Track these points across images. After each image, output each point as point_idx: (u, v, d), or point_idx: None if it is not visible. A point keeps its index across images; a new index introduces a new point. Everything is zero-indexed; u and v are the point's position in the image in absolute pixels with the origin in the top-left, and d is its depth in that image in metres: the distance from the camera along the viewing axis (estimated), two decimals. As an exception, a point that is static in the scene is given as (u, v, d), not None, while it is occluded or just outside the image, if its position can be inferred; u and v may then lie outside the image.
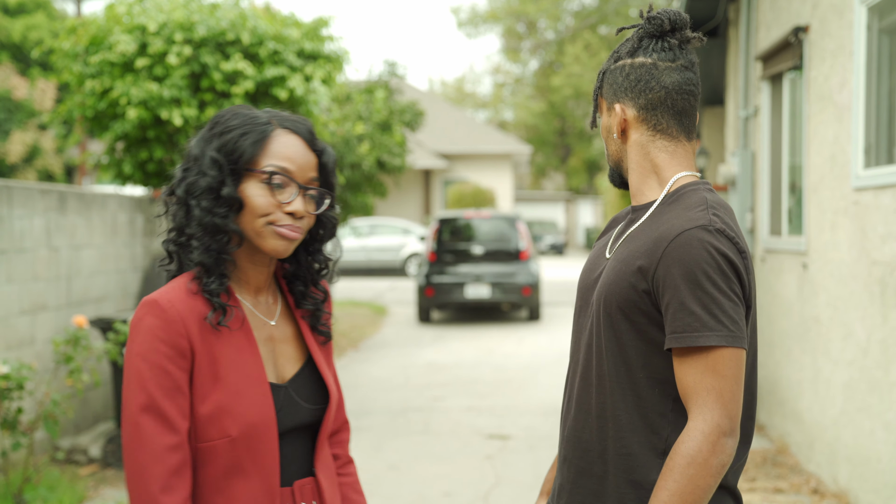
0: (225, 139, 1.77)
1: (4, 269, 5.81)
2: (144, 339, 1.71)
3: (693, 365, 1.72)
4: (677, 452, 1.70)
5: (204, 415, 1.73)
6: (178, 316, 1.72)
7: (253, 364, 1.78)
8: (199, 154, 1.78)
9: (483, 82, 54.63)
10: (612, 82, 1.92)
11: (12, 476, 5.21)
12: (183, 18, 7.83)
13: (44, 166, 21.77)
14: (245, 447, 1.75)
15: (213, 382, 1.73)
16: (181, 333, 1.71)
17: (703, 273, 1.72)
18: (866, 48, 5.20)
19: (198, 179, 1.76)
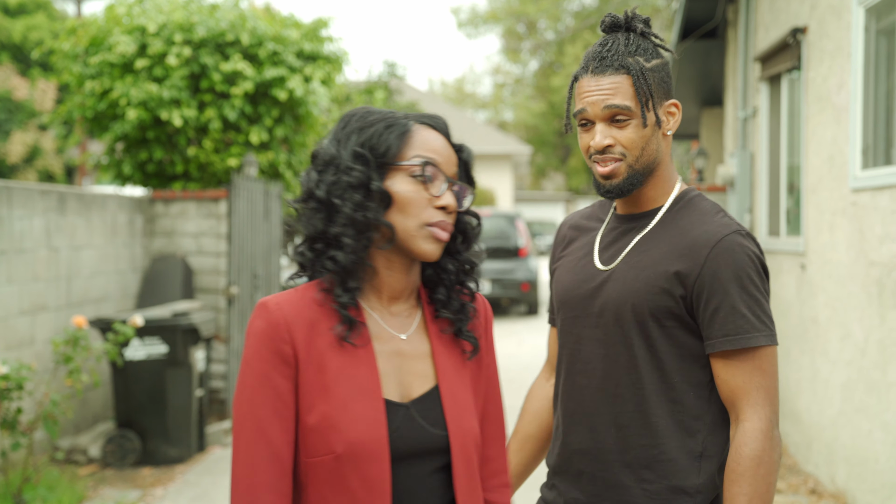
0: (367, 133, 1.64)
1: (4, 270, 5.82)
2: (251, 343, 1.61)
3: (742, 366, 1.78)
4: (743, 456, 1.76)
5: (310, 425, 1.59)
6: (282, 319, 1.60)
7: (366, 376, 1.62)
8: (335, 153, 1.65)
9: (483, 83, 54.65)
10: (660, 80, 1.89)
11: (12, 476, 5.22)
12: (182, 19, 7.84)
13: (44, 167, 21.78)
14: (353, 468, 1.57)
15: (321, 392, 1.59)
16: (284, 339, 1.59)
17: (748, 277, 1.79)
18: (864, 49, 5.21)
19: (340, 177, 1.62)
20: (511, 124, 46.07)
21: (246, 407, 1.59)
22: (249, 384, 1.59)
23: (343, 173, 1.62)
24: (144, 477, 6.06)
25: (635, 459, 1.84)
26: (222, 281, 7.60)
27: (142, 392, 6.22)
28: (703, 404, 1.83)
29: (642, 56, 1.89)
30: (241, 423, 1.60)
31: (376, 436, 1.58)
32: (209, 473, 6.17)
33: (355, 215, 1.60)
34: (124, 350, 6.13)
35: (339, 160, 1.63)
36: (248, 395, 1.59)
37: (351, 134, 1.66)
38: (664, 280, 1.82)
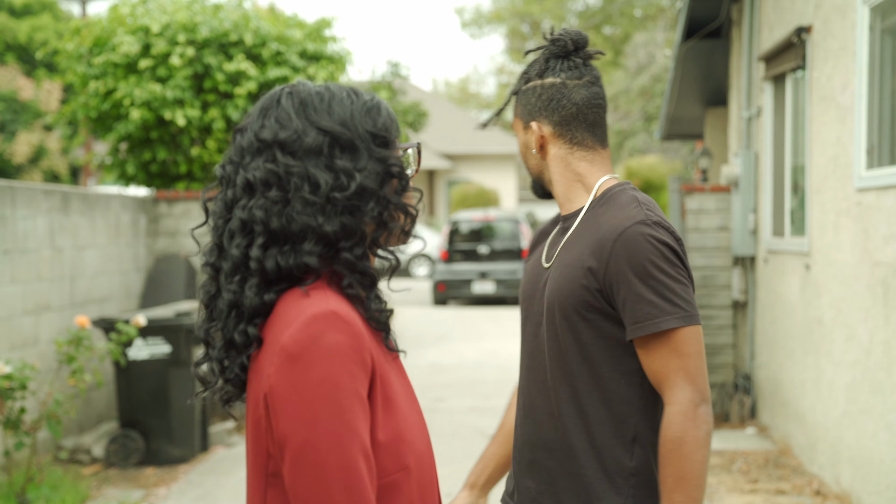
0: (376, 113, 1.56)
1: (8, 270, 5.83)
2: (336, 363, 1.36)
3: (657, 350, 1.85)
4: (665, 439, 1.84)
5: (382, 442, 1.43)
6: (361, 330, 1.41)
7: (407, 384, 1.56)
8: (350, 136, 1.53)
9: (487, 83, 54.61)
10: (526, 102, 2.06)
11: (15, 475, 5.23)
12: (186, 19, 7.85)
13: (49, 167, 21.82)
14: (418, 481, 1.48)
15: (388, 407, 1.45)
16: (368, 349, 1.41)
17: (651, 263, 1.85)
18: (869, 49, 5.19)
19: (369, 164, 1.51)
20: (515, 124, 46.00)
21: (347, 438, 1.35)
22: (348, 410, 1.35)
23: (375, 161, 1.48)
24: (148, 477, 6.06)
25: (572, 448, 1.94)
26: (226, 281, 7.59)
27: (145, 392, 6.22)
28: (635, 391, 1.91)
29: (526, 78, 2.08)
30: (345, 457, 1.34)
31: (429, 445, 1.54)
32: (212, 473, 6.17)
33: (398, 204, 1.49)
34: (128, 350, 6.13)
35: (359, 143, 1.47)
36: (349, 425, 1.35)
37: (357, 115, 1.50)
38: (582, 276, 1.91)
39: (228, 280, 1.45)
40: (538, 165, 2.08)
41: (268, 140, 1.46)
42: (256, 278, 1.43)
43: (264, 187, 1.44)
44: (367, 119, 1.50)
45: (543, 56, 2.06)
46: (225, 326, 1.46)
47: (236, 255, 1.44)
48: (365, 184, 1.45)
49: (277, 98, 1.50)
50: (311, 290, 1.43)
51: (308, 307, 1.39)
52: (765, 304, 7.30)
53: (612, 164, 2.11)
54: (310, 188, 1.43)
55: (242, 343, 1.44)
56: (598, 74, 2.06)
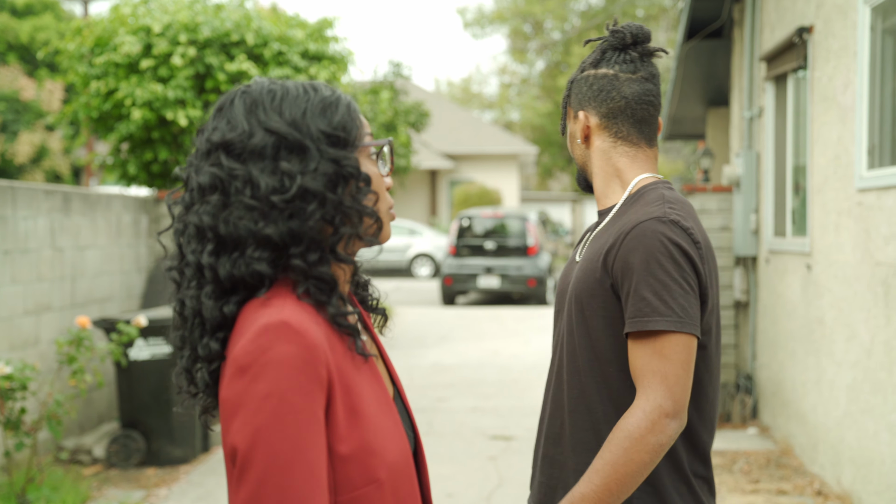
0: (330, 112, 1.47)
1: (9, 270, 5.83)
2: (283, 374, 1.29)
3: (642, 348, 1.81)
4: (618, 427, 1.78)
5: (343, 455, 1.35)
6: (316, 340, 1.33)
7: (382, 390, 1.46)
8: (299, 137, 1.45)
9: (489, 83, 54.61)
10: (578, 91, 2.05)
11: (16, 476, 5.23)
12: (187, 19, 7.85)
13: (51, 167, 21.84)
14: (392, 492, 1.40)
15: (352, 418, 1.37)
16: (322, 362, 1.32)
17: (655, 261, 1.80)
18: (870, 49, 5.18)
19: (319, 165, 1.44)
20: (517, 124, 46.04)
21: (293, 457, 1.28)
22: (293, 425, 1.28)
23: (327, 162, 1.40)
24: (148, 477, 6.06)
25: (580, 443, 1.91)
26: (227, 281, 7.60)
27: (146, 392, 6.23)
28: (627, 391, 1.87)
29: (582, 68, 2.06)
30: (293, 481, 1.27)
31: (406, 452, 1.45)
32: (213, 474, 6.17)
33: (354, 207, 1.41)
34: (129, 350, 6.13)
35: (308, 144, 1.40)
36: (293, 441, 1.28)
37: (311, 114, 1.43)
38: (597, 270, 1.89)
39: (187, 286, 1.41)
40: (583, 156, 2.07)
41: (216, 142, 1.41)
42: (211, 285, 1.38)
43: (209, 191, 1.39)
44: (322, 118, 1.42)
45: (601, 47, 2.04)
46: (191, 336, 1.41)
47: (192, 261, 1.40)
48: (308, 186, 1.37)
49: (232, 98, 1.45)
50: (272, 299, 1.37)
51: (261, 317, 1.33)
52: (766, 304, 7.30)
53: (656, 164, 2.06)
54: (250, 192, 1.37)
55: (206, 356, 1.40)
56: (656, 72, 2.03)
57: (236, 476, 1.30)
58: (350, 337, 1.42)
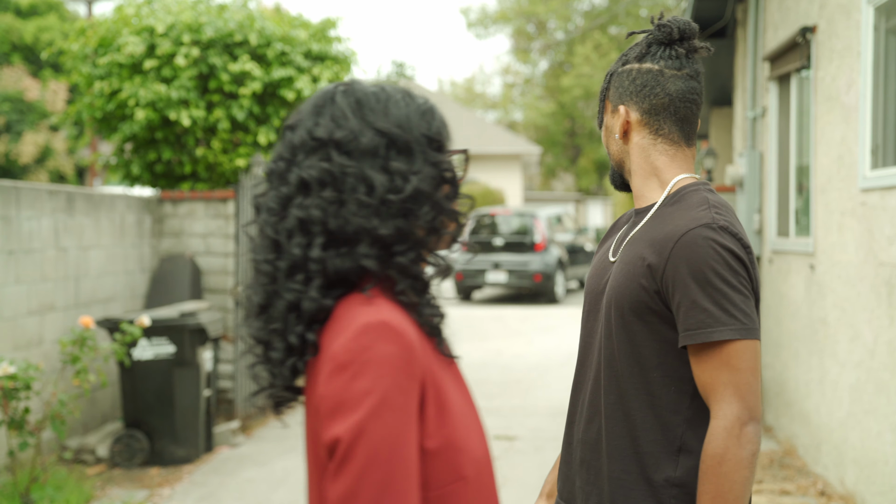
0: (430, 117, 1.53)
1: (13, 270, 5.84)
2: (385, 374, 1.32)
3: (708, 361, 1.76)
4: (706, 454, 1.74)
5: (432, 451, 1.38)
6: (415, 341, 1.37)
7: (464, 389, 1.49)
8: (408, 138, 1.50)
9: (493, 83, 54.62)
10: (619, 85, 1.98)
11: (20, 475, 5.24)
12: (191, 20, 7.85)
13: (55, 167, 21.86)
14: (476, 491, 1.42)
15: (441, 415, 1.39)
16: (419, 363, 1.37)
17: (712, 270, 1.76)
18: (873, 49, 5.18)
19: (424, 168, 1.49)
20: (521, 125, 46.03)
21: (391, 454, 1.31)
22: (394, 425, 1.32)
23: (430, 165, 1.45)
24: (152, 477, 6.07)
25: (616, 450, 1.88)
26: (230, 281, 7.61)
27: (150, 392, 6.23)
28: (685, 399, 1.83)
29: (624, 60, 1.99)
30: (389, 476, 1.31)
31: (487, 451, 1.46)
32: (216, 473, 6.17)
33: (449, 210, 1.45)
34: (132, 350, 6.14)
35: (414, 146, 1.44)
36: (392, 438, 1.31)
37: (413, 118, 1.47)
38: (640, 275, 1.84)
39: (289, 280, 1.42)
40: (619, 152, 2.01)
41: (323, 138, 1.43)
42: (319, 279, 1.40)
43: (319, 186, 1.41)
44: (423, 122, 1.47)
45: (646, 40, 1.98)
46: (285, 329, 1.42)
47: (297, 255, 1.41)
48: (420, 187, 1.42)
49: (332, 96, 1.47)
50: (374, 297, 1.40)
51: (361, 316, 1.36)
52: (770, 304, 7.29)
53: (693, 164, 2.02)
54: (365, 189, 1.40)
55: (299, 348, 1.42)
56: (701, 70, 1.98)
57: (334, 469, 1.32)
58: (436, 337, 1.45)
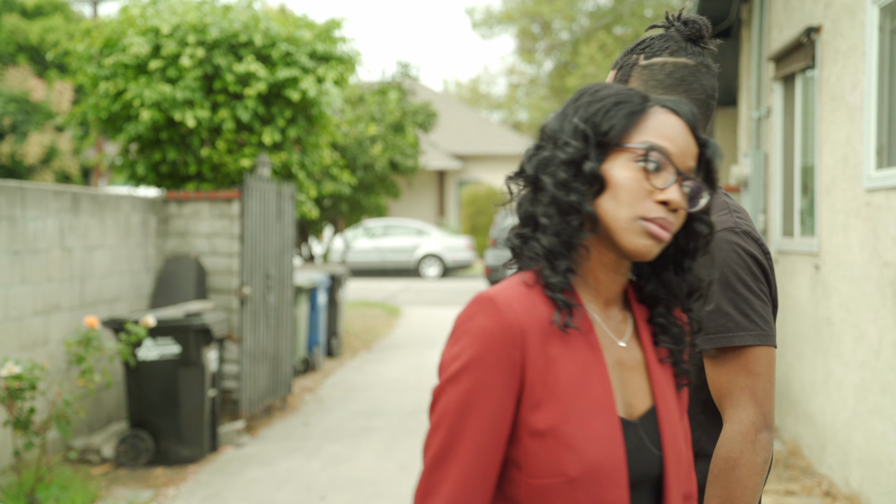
0: (593, 108, 1.46)
1: (18, 270, 5.85)
2: (473, 343, 1.38)
3: (727, 365, 1.75)
4: (719, 457, 1.73)
5: (537, 431, 1.38)
6: (515, 320, 1.38)
7: (600, 388, 1.42)
8: (557, 128, 1.47)
9: (498, 83, 54.57)
10: (650, 77, 1.89)
11: (25, 475, 5.25)
12: (196, 20, 7.87)
13: (61, 168, 21.88)
14: (586, 494, 1.37)
15: (550, 398, 1.38)
16: (516, 343, 1.37)
17: (735, 274, 1.75)
18: (878, 48, 5.17)
19: (555, 152, 1.45)
20: (526, 125, 46.00)
21: (455, 416, 1.38)
22: (466, 391, 1.37)
23: (558, 149, 1.45)
24: (157, 477, 6.08)
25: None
26: (235, 281, 7.62)
27: (155, 392, 6.24)
28: (698, 405, 1.81)
29: (643, 54, 1.91)
30: (449, 435, 1.38)
31: (614, 458, 1.39)
32: (221, 473, 6.18)
33: (558, 193, 1.42)
34: (137, 350, 6.15)
35: (558, 135, 1.46)
36: (462, 404, 1.37)
37: (579, 108, 1.47)
38: None
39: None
40: None
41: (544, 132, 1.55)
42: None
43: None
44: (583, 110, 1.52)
45: (681, 34, 1.92)
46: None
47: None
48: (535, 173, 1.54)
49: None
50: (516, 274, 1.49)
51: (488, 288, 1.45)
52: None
53: None
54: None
55: None
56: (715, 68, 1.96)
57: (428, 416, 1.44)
58: (562, 312, 1.41)
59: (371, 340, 12.72)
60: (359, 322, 14.12)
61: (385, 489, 5.86)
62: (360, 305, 16.38)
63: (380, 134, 13.00)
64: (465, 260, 24.56)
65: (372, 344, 12.45)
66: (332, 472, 6.26)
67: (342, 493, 5.81)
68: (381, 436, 7.26)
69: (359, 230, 22.77)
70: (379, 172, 12.90)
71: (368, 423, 7.64)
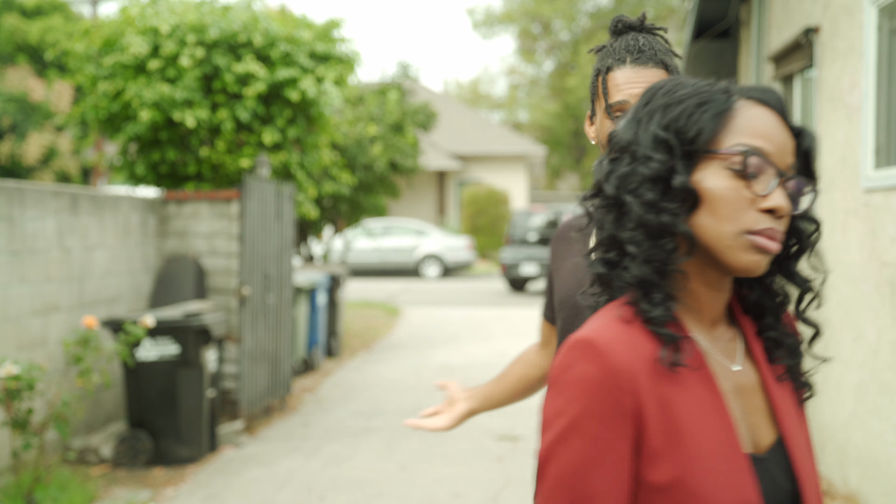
0: (674, 112, 1.28)
1: (17, 270, 5.86)
2: (577, 396, 1.22)
3: None
4: None
5: (656, 485, 1.22)
6: (622, 364, 1.22)
7: (721, 425, 1.26)
8: (631, 138, 1.30)
9: (498, 83, 54.59)
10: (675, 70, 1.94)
11: (23, 476, 5.25)
12: (195, 20, 7.87)
13: (60, 168, 21.89)
14: None
15: (671, 446, 1.22)
16: (625, 389, 1.21)
17: None
18: (877, 49, 5.17)
19: (635, 167, 1.28)
20: (526, 125, 46.03)
21: (574, 481, 1.21)
22: (580, 451, 1.21)
23: (639, 163, 1.28)
24: (156, 477, 6.08)
25: None
26: (234, 281, 7.62)
27: (153, 392, 6.25)
28: None
29: (672, 56, 1.93)
30: (565, 497, 1.22)
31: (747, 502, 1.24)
32: (220, 474, 6.18)
33: (647, 216, 1.25)
34: (136, 350, 6.15)
35: (635, 146, 1.29)
36: (580, 467, 1.21)
37: (654, 113, 1.30)
38: None
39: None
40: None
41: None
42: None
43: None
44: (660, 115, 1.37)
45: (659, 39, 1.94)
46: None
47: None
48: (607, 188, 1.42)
49: None
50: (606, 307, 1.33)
51: (581, 328, 1.28)
52: (773, 304, 7.28)
53: None
54: None
55: None
56: None
57: (537, 481, 1.29)
58: (668, 348, 1.25)
59: (371, 341, 12.72)
60: (359, 322, 14.12)
61: (385, 489, 5.87)
62: (359, 306, 16.39)
63: (379, 134, 13.01)
64: (465, 260, 24.57)
65: (372, 344, 12.46)
66: (332, 472, 6.26)
67: (342, 493, 5.82)
68: (380, 436, 7.26)
69: (359, 230, 22.77)
70: (379, 173, 12.91)
71: (368, 424, 7.64)
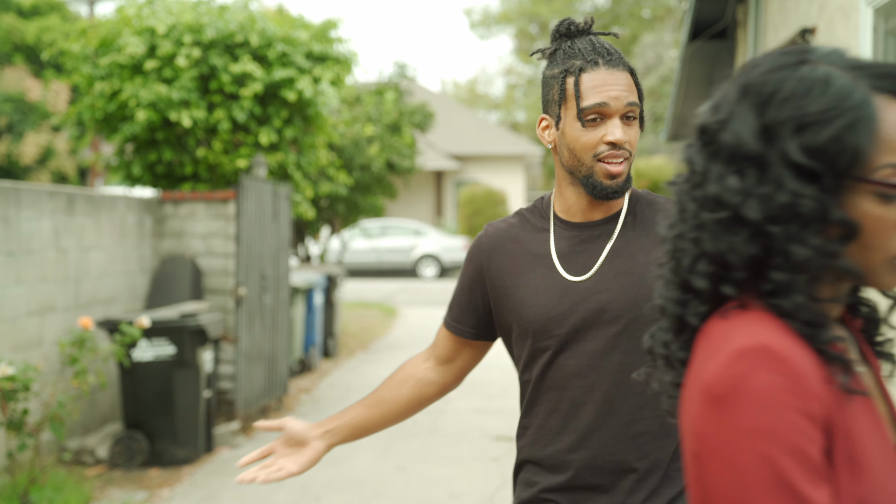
0: (820, 135, 1.10)
1: (13, 271, 5.85)
2: (767, 409, 1.05)
3: None
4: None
5: None
6: (807, 369, 1.08)
7: (883, 439, 1.16)
8: (761, 152, 1.12)
9: (495, 83, 54.62)
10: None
11: (18, 477, 5.24)
12: (192, 20, 7.86)
13: (57, 168, 21.87)
14: None
15: (852, 469, 1.10)
16: (815, 394, 1.07)
17: None
18: (872, 50, 5.18)
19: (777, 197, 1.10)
20: (523, 125, 46.03)
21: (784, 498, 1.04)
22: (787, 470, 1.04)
23: (782, 192, 1.10)
24: (152, 478, 6.07)
25: (654, 465, 1.86)
26: (231, 282, 7.61)
27: (149, 393, 6.24)
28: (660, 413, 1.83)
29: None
30: None
31: None
32: (217, 474, 6.18)
33: (815, 262, 1.10)
34: (132, 351, 6.14)
35: (769, 168, 1.11)
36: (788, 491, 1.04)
37: (784, 128, 1.11)
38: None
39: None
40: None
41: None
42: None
43: None
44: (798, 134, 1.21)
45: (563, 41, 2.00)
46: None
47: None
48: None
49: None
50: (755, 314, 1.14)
51: (734, 336, 1.11)
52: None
53: None
54: None
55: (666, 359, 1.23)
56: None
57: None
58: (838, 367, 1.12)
59: (368, 341, 12.72)
60: (355, 323, 14.11)
61: (382, 490, 5.86)
62: (356, 306, 16.38)
63: (376, 134, 13.00)
64: (462, 260, 24.59)
65: (369, 344, 12.45)
66: (329, 472, 6.26)
67: (339, 493, 5.81)
68: (378, 436, 7.25)
69: (356, 230, 22.77)
70: (376, 173, 12.90)
71: (364, 424, 7.64)
